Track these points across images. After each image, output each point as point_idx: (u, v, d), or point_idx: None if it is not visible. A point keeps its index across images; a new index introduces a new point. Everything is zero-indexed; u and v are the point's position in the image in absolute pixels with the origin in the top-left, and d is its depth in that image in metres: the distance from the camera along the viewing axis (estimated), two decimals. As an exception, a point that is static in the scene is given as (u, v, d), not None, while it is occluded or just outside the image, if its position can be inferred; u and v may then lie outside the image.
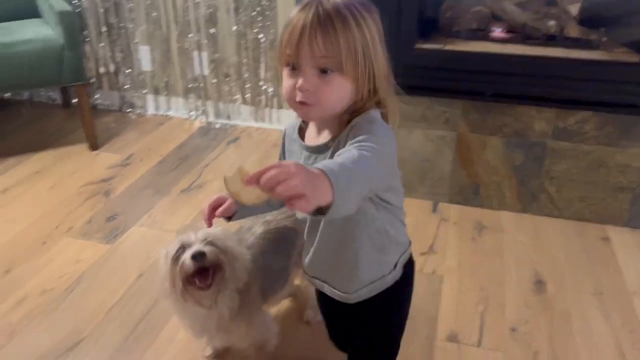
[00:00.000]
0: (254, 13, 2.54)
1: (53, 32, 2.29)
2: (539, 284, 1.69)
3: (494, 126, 1.94)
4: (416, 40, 1.93)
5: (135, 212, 2.06)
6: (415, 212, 2.04)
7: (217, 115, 2.83)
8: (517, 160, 1.97)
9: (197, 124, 2.81)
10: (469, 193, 2.07)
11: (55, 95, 2.96)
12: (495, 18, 2.07)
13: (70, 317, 1.56)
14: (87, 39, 2.77)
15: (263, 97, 2.72)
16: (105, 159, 2.43)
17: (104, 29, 2.74)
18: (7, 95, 2.96)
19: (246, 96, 2.75)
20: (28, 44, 2.18)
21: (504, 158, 1.98)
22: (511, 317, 1.57)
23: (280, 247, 1.34)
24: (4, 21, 2.39)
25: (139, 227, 1.98)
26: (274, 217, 1.35)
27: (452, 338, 1.49)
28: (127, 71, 2.83)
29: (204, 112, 2.84)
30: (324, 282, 1.03)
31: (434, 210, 2.07)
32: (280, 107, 2.73)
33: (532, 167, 1.96)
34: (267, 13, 2.52)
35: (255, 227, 1.34)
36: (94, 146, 2.49)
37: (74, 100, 2.94)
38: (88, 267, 1.76)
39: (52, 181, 2.25)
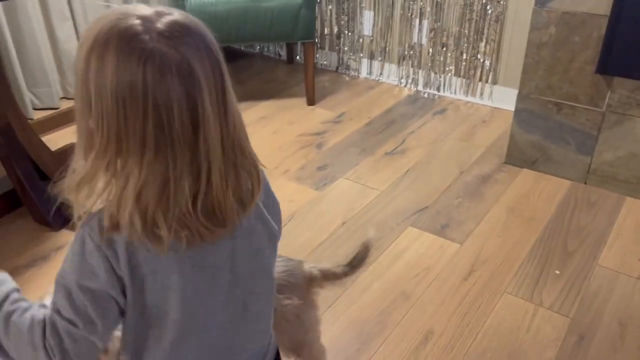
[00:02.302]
0: (485, -17, 2.46)
1: (294, -9, 2.50)
2: None
3: None
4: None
5: (343, 166, 2.20)
6: None
7: (427, 84, 2.84)
8: None
9: (405, 92, 2.86)
10: None
11: (282, 52, 3.24)
12: None
13: (281, 249, 1.75)
14: (317, 1, 2.97)
15: (478, 71, 2.65)
16: (320, 114, 2.62)
17: (334, -8, 2.92)
18: (242, 47, 3.33)
19: (460, 68, 2.70)
20: (273, 0, 2.42)
21: None
22: None
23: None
24: (255, -20, 2.68)
25: (345, 179, 2.11)
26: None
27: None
28: (348, 34, 2.98)
29: (414, 81, 2.87)
30: None
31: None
32: (494, 82, 2.64)
33: None
34: (498, -16, 2.43)
35: None
36: (311, 101, 2.69)
37: (297, 57, 3.20)
38: (299, 208, 1.94)
39: (274, 127, 2.50)
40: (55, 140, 2.13)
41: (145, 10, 0.60)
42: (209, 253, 0.67)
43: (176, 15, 0.61)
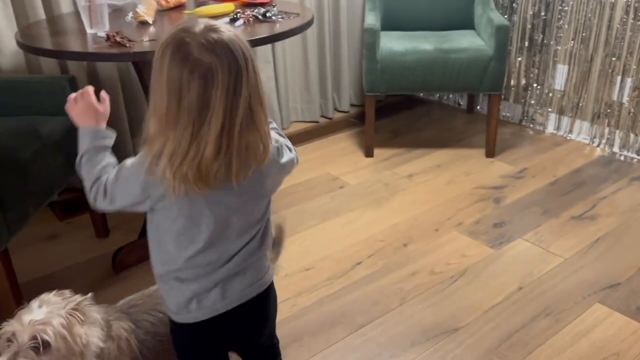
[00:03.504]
0: None
1: (485, 43, 2.48)
2: None
3: None
4: None
5: (522, 225, 2.08)
6: None
7: (625, 146, 2.58)
8: None
9: (598, 152, 2.63)
10: None
11: (462, 101, 3.21)
12: None
13: (451, 304, 1.70)
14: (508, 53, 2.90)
15: (691, 137, 2.35)
16: (499, 167, 2.53)
17: (526, 44, 2.82)
18: (421, 94, 3.37)
19: (668, 132, 2.42)
20: (462, 52, 2.43)
21: None
22: None
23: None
24: (445, 29, 2.72)
25: (524, 240, 1.99)
26: None
27: None
28: (536, 87, 2.85)
29: (609, 141, 2.63)
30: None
31: None
32: None
33: None
34: None
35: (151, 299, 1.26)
36: (491, 153, 2.61)
37: (478, 107, 3.14)
38: (472, 264, 1.88)
39: (449, 177, 2.46)
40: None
41: (200, 25, 0.87)
42: (200, 197, 0.94)
43: (219, 32, 0.86)
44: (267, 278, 1.10)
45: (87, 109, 1.06)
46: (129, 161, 0.98)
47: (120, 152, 2.45)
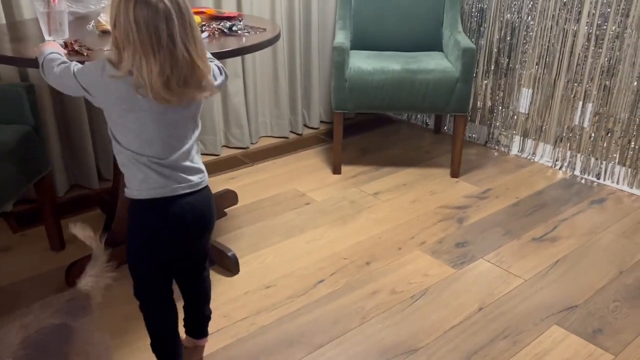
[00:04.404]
0: (665, 69, 2.27)
1: (451, 65, 2.52)
2: None
3: None
4: None
5: (484, 245, 2.10)
6: None
7: (586, 170, 2.64)
8: None
9: (560, 175, 2.68)
10: None
11: (429, 120, 3.25)
12: None
13: (412, 323, 1.69)
14: (474, 75, 2.95)
15: (648, 162, 2.41)
16: (463, 187, 2.55)
17: (492, 67, 2.88)
18: (391, 113, 3.40)
19: (626, 157, 2.48)
20: (429, 73, 2.45)
21: None
22: None
23: (51, 352, 1.06)
24: (414, 50, 2.75)
25: (486, 261, 2.00)
26: (34, 317, 1.07)
27: None
28: (502, 110, 2.90)
29: (571, 164, 2.68)
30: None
31: None
32: (668, 177, 2.37)
33: None
34: (682, 71, 2.22)
35: (8, 337, 1.02)
36: (456, 173, 2.63)
37: (445, 127, 3.18)
38: (433, 284, 1.87)
39: (415, 196, 2.48)
40: (214, 184, 2.32)
41: None
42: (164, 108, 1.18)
43: None
44: None
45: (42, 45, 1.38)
46: (85, 65, 1.25)
47: (83, 166, 2.40)
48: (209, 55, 1.28)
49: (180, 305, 1.45)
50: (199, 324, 1.53)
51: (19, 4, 2.05)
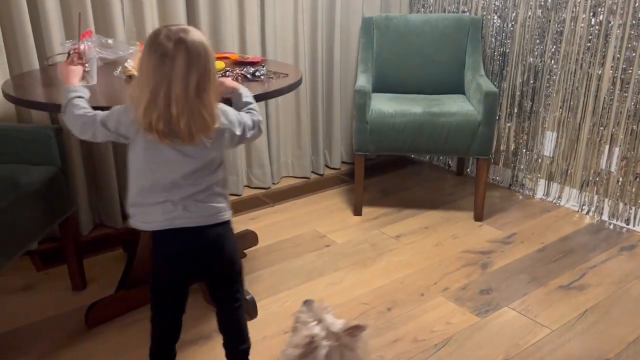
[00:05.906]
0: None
1: (474, 108, 2.51)
2: None
3: None
4: None
5: (509, 293, 2.04)
6: None
7: (614, 215, 2.57)
8: None
9: (587, 220, 2.61)
10: None
11: (452, 162, 3.23)
12: None
13: (434, 374, 1.63)
14: (497, 119, 2.94)
15: (679, 208, 2.34)
16: (487, 231, 2.50)
17: (515, 110, 2.86)
18: (413, 155, 3.39)
19: (656, 203, 2.41)
20: (451, 116, 2.45)
21: None
22: None
23: None
24: (436, 93, 2.76)
25: (511, 309, 1.94)
26: None
27: None
28: (526, 153, 2.87)
29: (598, 209, 2.62)
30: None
31: None
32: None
33: None
34: None
35: None
36: (479, 217, 2.59)
37: (467, 170, 3.15)
38: (457, 332, 1.82)
39: (437, 239, 2.43)
40: (235, 224, 2.32)
41: (178, 26, 1.24)
42: (163, 148, 1.28)
43: (187, 32, 1.21)
44: None
45: (70, 72, 1.47)
46: (113, 109, 1.34)
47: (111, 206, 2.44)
48: (252, 105, 1.42)
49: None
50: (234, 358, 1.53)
51: (52, 48, 2.13)
